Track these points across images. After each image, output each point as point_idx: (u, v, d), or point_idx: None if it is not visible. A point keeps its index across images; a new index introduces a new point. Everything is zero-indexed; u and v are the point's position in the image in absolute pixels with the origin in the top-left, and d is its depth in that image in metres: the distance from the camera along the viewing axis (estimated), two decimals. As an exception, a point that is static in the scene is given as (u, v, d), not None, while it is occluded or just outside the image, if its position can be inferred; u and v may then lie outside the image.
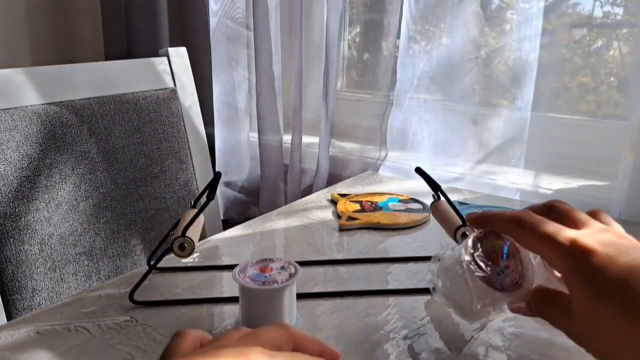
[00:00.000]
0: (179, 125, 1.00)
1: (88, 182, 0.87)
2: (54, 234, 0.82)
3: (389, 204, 0.84)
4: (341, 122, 1.23)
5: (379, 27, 1.14)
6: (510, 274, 0.44)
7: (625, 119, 0.89)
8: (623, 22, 0.95)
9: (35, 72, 0.84)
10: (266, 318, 0.48)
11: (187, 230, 0.54)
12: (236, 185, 1.28)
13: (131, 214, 0.93)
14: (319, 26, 1.26)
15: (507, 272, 0.44)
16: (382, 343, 0.49)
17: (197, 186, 1.04)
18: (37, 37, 1.35)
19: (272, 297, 0.47)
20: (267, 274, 0.48)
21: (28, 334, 0.49)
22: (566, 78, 1.00)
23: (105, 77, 0.92)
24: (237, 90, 1.23)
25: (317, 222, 0.79)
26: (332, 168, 1.16)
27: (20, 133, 0.80)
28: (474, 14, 0.99)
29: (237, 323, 0.50)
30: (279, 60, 1.16)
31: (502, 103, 1.00)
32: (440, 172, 1.02)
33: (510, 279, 0.44)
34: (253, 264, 0.50)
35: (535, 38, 0.92)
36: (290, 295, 0.48)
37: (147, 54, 1.12)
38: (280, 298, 0.47)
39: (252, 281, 0.47)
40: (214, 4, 1.16)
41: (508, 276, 0.44)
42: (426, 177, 0.63)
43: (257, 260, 0.51)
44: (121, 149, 0.92)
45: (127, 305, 0.54)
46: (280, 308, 0.48)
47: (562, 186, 0.96)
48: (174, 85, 1.01)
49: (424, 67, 1.03)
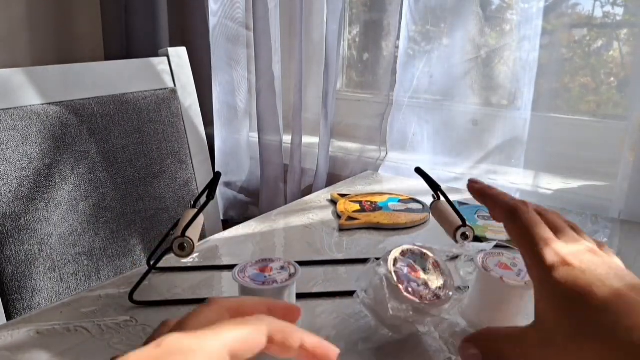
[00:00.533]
0: (179, 125, 1.00)
1: (88, 182, 0.87)
2: (54, 234, 0.82)
3: (388, 204, 0.84)
4: (341, 122, 1.23)
5: (379, 27, 1.14)
6: (430, 287, 0.46)
7: (625, 119, 0.89)
8: (623, 22, 0.95)
9: (35, 72, 0.84)
10: None
11: (187, 230, 0.54)
12: (236, 186, 1.28)
13: (131, 214, 0.93)
14: (319, 26, 1.26)
15: (427, 285, 0.46)
16: (382, 343, 0.49)
17: (197, 186, 1.04)
18: (37, 37, 1.35)
19: (272, 297, 0.47)
20: (267, 274, 0.48)
21: (28, 334, 0.49)
22: (566, 78, 1.00)
23: (105, 77, 0.92)
24: (237, 91, 1.23)
25: (317, 222, 0.79)
26: (332, 168, 1.16)
27: (20, 133, 0.80)
28: (474, 14, 0.99)
29: None
30: (279, 60, 1.16)
31: (502, 103, 1.00)
32: (440, 172, 1.02)
33: (430, 292, 0.46)
34: (253, 264, 0.50)
35: (535, 38, 0.92)
36: (290, 295, 0.48)
37: (147, 54, 1.12)
38: (280, 298, 0.47)
39: (251, 281, 0.47)
40: (213, 4, 1.16)
41: (428, 289, 0.46)
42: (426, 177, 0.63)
43: (257, 260, 0.51)
44: (121, 149, 0.92)
45: (127, 305, 0.54)
46: None
47: (562, 186, 0.96)
48: (174, 85, 1.01)
49: (424, 67, 1.03)
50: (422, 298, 0.45)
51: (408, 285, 0.45)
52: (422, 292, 0.45)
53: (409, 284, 0.46)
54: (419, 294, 0.45)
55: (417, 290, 0.45)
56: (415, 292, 0.45)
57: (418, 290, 0.45)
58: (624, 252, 0.73)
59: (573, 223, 0.42)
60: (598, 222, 0.80)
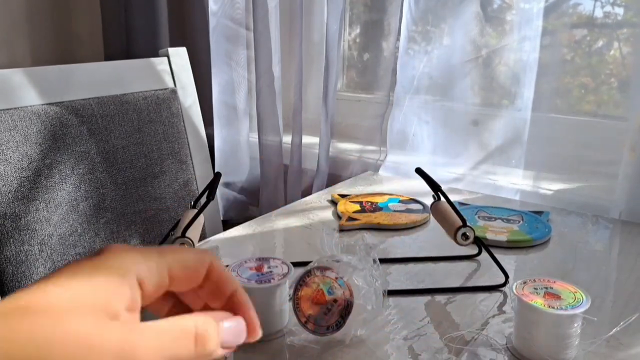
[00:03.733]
0: (179, 126, 1.00)
1: (88, 182, 0.87)
2: (54, 234, 0.82)
3: (389, 205, 0.84)
4: (341, 123, 1.23)
5: (379, 28, 1.14)
6: (337, 308, 0.46)
7: (626, 119, 0.89)
8: (623, 22, 0.95)
9: (35, 72, 0.83)
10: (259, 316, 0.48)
11: (187, 231, 0.54)
12: (236, 186, 1.28)
13: (131, 214, 0.93)
14: (319, 26, 1.26)
15: (333, 308, 0.46)
16: (382, 343, 0.49)
17: (197, 186, 1.04)
18: (37, 37, 1.35)
19: (264, 296, 0.48)
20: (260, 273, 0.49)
21: (28, 334, 0.49)
22: (566, 78, 1.00)
23: (105, 77, 0.92)
24: (237, 91, 1.23)
25: (317, 223, 0.79)
26: (332, 168, 1.15)
27: (20, 133, 0.80)
28: (474, 15, 0.99)
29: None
30: (278, 61, 1.16)
31: (502, 103, 1.00)
32: (440, 172, 1.02)
33: (335, 318, 0.47)
34: (246, 262, 0.50)
35: (535, 38, 0.92)
36: (282, 294, 0.49)
37: (147, 54, 1.12)
38: (272, 297, 0.48)
39: (245, 279, 0.48)
40: (213, 4, 1.16)
41: (334, 314, 0.46)
42: (426, 178, 0.63)
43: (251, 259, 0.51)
44: (121, 149, 0.92)
45: (126, 305, 0.54)
46: (273, 307, 0.48)
47: (563, 186, 0.96)
48: (174, 86, 1.01)
49: (424, 67, 1.03)
50: (326, 328, 0.47)
51: (306, 315, 0.47)
52: (329, 320, 0.47)
53: (308, 315, 0.47)
54: (322, 324, 0.47)
55: (319, 320, 0.47)
56: (318, 323, 0.47)
57: (321, 320, 0.47)
58: (624, 252, 0.73)
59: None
60: (598, 223, 0.80)
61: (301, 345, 0.48)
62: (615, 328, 0.49)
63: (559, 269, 0.66)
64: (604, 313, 0.56)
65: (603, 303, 0.58)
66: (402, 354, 0.48)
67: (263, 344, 0.48)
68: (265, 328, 0.48)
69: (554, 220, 0.80)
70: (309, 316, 0.47)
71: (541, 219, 0.78)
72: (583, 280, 0.63)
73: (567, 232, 0.76)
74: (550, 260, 0.68)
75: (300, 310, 0.47)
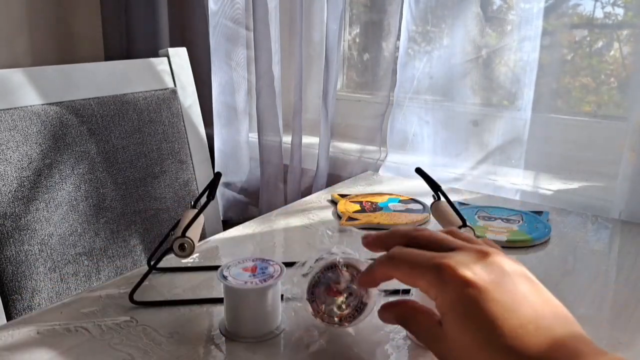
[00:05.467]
0: (179, 126, 1.00)
1: (88, 182, 0.87)
2: (54, 234, 0.82)
3: (389, 205, 0.84)
4: (341, 123, 1.23)
5: (379, 28, 1.14)
6: (350, 304, 0.46)
7: (626, 119, 0.89)
8: (624, 22, 0.95)
9: (35, 72, 0.84)
10: (250, 318, 0.49)
11: (187, 231, 0.54)
12: (236, 186, 1.28)
13: (131, 214, 0.93)
14: (319, 26, 1.26)
15: (348, 301, 0.46)
16: (382, 343, 0.49)
17: (197, 186, 1.04)
18: (37, 37, 1.35)
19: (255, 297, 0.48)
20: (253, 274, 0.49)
21: (28, 334, 0.49)
22: (566, 79, 1.00)
23: (105, 77, 0.92)
24: (237, 91, 1.23)
25: (317, 223, 0.79)
26: (332, 168, 1.15)
27: (20, 133, 0.80)
28: (475, 15, 0.99)
29: (221, 324, 0.50)
30: (278, 61, 1.16)
31: (502, 104, 1.00)
32: (441, 172, 1.02)
33: (348, 312, 0.46)
34: (237, 263, 0.50)
35: (535, 39, 0.92)
36: (274, 295, 0.49)
37: (147, 54, 1.12)
38: (264, 298, 0.48)
39: (235, 280, 0.48)
40: (213, 4, 1.16)
41: (348, 307, 0.46)
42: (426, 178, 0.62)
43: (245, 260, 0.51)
44: (121, 149, 0.92)
45: (127, 305, 0.54)
46: (264, 308, 0.48)
47: (563, 187, 0.96)
48: (174, 86, 1.01)
49: (424, 67, 1.03)
50: (339, 319, 0.46)
51: (321, 307, 0.46)
52: (338, 313, 0.46)
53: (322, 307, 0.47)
54: (333, 316, 0.46)
55: (331, 314, 0.46)
56: (329, 316, 0.46)
57: (332, 314, 0.46)
58: (624, 252, 0.73)
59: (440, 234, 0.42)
60: (598, 223, 0.80)
61: (297, 344, 0.48)
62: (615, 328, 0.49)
63: (559, 269, 0.66)
64: (603, 313, 0.56)
65: (603, 303, 0.58)
66: (402, 354, 0.48)
67: (255, 344, 0.48)
68: (258, 328, 0.49)
69: (553, 220, 0.80)
70: (324, 308, 0.46)
71: (541, 219, 0.78)
72: (583, 280, 0.63)
73: (567, 232, 0.76)
74: (550, 260, 0.68)
75: (316, 302, 0.46)
